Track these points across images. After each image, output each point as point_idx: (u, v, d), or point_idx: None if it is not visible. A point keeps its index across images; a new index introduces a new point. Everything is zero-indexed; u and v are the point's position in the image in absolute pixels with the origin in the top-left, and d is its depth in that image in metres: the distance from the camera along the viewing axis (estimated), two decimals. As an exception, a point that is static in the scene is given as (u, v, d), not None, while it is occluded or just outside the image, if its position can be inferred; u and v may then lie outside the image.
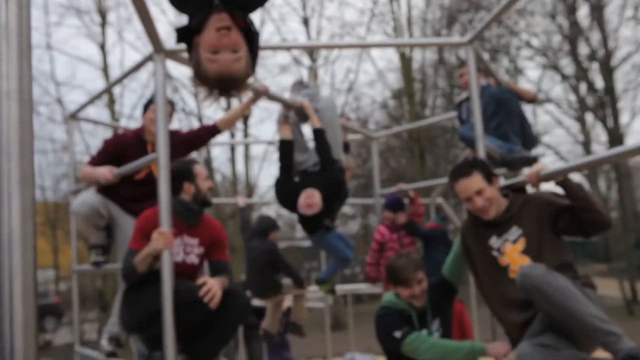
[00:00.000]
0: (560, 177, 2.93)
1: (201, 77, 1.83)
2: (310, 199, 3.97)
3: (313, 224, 4.14)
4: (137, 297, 3.25)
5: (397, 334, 3.37)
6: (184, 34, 1.87)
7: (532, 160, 4.55)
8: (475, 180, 3.05)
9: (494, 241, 3.09)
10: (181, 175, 3.39)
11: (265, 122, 24.10)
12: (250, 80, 1.94)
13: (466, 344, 3.34)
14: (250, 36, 1.89)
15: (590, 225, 2.87)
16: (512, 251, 3.02)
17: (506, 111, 4.55)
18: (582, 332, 2.57)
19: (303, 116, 4.33)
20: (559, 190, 3.00)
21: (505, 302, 3.06)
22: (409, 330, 3.38)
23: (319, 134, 4.16)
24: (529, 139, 4.73)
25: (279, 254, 5.50)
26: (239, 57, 1.81)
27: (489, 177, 3.08)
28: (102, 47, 17.17)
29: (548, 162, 18.18)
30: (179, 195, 3.38)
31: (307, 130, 4.58)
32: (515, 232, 3.04)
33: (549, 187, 3.08)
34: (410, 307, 3.49)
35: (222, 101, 2.68)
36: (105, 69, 17.05)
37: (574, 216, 2.90)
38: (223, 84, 1.83)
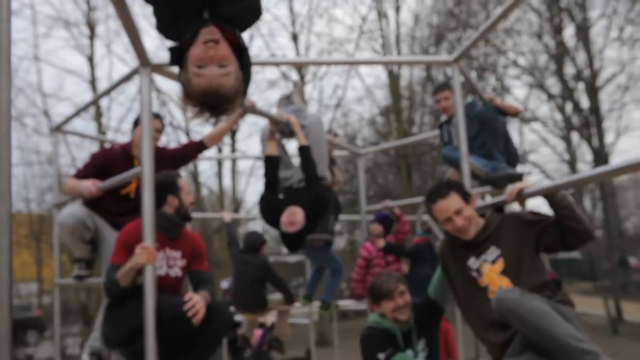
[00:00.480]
0: (544, 193, 2.95)
1: (189, 95, 1.76)
2: (293, 216, 3.94)
3: (295, 242, 4.12)
4: (119, 312, 3.22)
5: (381, 356, 3.37)
6: (177, 54, 1.81)
7: (516, 178, 4.57)
8: (453, 201, 3.06)
9: (472, 262, 3.09)
10: (165, 187, 3.39)
11: (252, 137, 24.05)
12: (241, 99, 1.83)
13: None
14: (241, 52, 1.83)
15: (573, 235, 2.88)
16: (490, 272, 3.01)
17: (490, 130, 4.59)
18: (560, 352, 2.57)
19: (289, 132, 4.32)
20: (542, 204, 3.02)
21: (485, 323, 3.05)
22: (392, 352, 3.37)
23: (304, 151, 4.15)
24: (513, 156, 4.76)
25: (271, 268, 5.58)
26: (227, 72, 1.74)
27: (466, 197, 3.10)
28: (90, 59, 17.12)
29: (534, 180, 18.34)
30: (162, 208, 3.37)
31: (292, 146, 4.58)
32: (493, 252, 3.04)
33: (534, 204, 3.10)
34: (395, 326, 3.48)
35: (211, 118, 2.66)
36: (93, 82, 16.99)
37: (557, 229, 2.91)
38: (210, 100, 1.74)
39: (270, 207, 4.14)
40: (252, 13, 1.93)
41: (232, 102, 1.78)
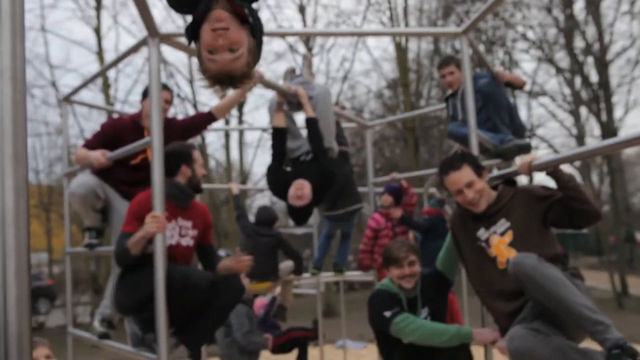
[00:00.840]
0: (552, 167, 2.95)
1: (204, 72, 1.81)
2: (300, 190, 3.96)
3: (302, 215, 4.14)
4: (131, 280, 3.27)
5: (387, 313, 3.44)
6: (192, 30, 1.82)
7: (525, 148, 4.56)
8: (465, 173, 3.07)
9: (481, 233, 3.11)
10: (180, 157, 3.39)
11: (260, 109, 23.98)
12: (255, 76, 1.91)
13: (453, 327, 3.38)
14: (251, 25, 1.84)
15: (580, 216, 2.88)
16: (499, 243, 3.03)
17: (494, 104, 4.55)
18: (572, 321, 2.60)
19: (296, 104, 4.32)
20: (550, 182, 3.02)
21: (493, 292, 3.09)
22: (398, 311, 3.44)
23: (312, 123, 4.15)
24: (519, 128, 4.73)
25: (286, 239, 5.80)
26: (237, 55, 1.75)
27: (478, 170, 3.10)
28: (97, 30, 17.04)
29: (541, 154, 18.23)
30: (175, 177, 3.37)
31: (300, 117, 4.57)
32: (503, 224, 3.05)
33: (541, 178, 3.10)
34: (401, 292, 3.57)
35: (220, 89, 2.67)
36: (99, 53, 16.93)
37: (564, 208, 2.91)
38: (223, 82, 1.81)
39: (278, 180, 4.16)
40: None
41: (243, 80, 1.84)
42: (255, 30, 1.85)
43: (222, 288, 3.27)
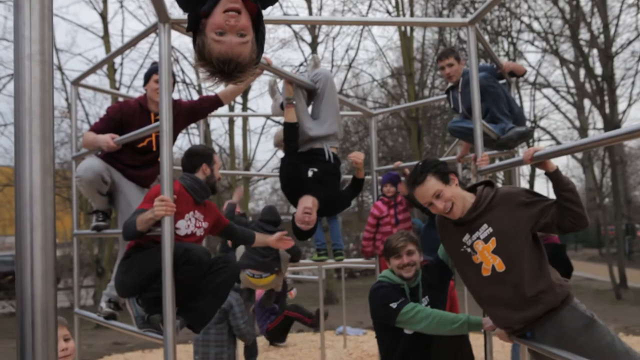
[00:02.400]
0: (553, 169, 2.89)
1: (205, 59, 1.77)
2: (308, 217, 3.97)
3: (305, 234, 4.17)
4: (132, 263, 3.36)
5: (393, 305, 3.45)
6: (194, 20, 1.82)
7: (526, 134, 4.56)
8: (430, 185, 2.99)
9: (466, 238, 3.05)
10: (202, 156, 3.63)
11: (264, 96, 23.91)
12: (253, 67, 1.85)
13: (462, 316, 3.41)
14: (258, 24, 1.85)
15: (570, 218, 2.82)
16: (483, 250, 2.98)
17: (491, 96, 4.55)
18: None
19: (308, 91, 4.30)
20: (548, 183, 2.99)
21: (480, 297, 3.13)
22: (404, 301, 3.46)
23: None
24: (519, 117, 4.74)
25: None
26: (245, 41, 1.76)
27: (444, 178, 3.01)
28: (103, 15, 17.00)
29: (544, 145, 18.18)
30: (195, 174, 3.58)
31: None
32: (485, 230, 2.98)
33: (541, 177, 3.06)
34: (403, 281, 3.60)
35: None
36: (105, 37, 16.91)
37: (558, 211, 2.85)
38: (227, 67, 1.76)
39: (291, 178, 4.14)
40: None
41: (245, 71, 1.81)
42: (259, 34, 1.86)
43: (220, 268, 3.40)
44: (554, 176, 2.89)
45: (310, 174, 4.07)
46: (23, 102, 0.99)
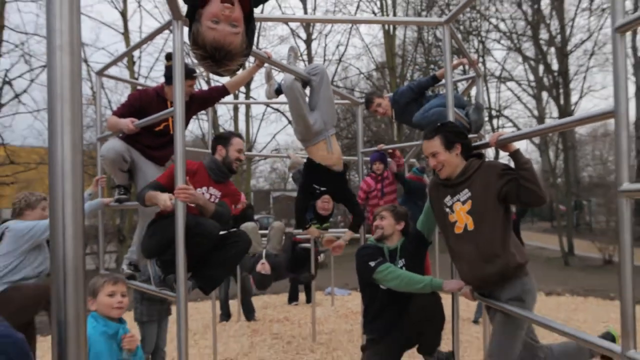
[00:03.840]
0: (514, 150, 2.91)
1: (198, 44, 1.71)
2: (327, 204, 4.59)
3: (323, 218, 4.72)
4: (155, 230, 3.34)
5: (372, 263, 3.58)
6: (192, 9, 1.76)
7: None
8: (433, 144, 3.08)
9: (448, 199, 3.11)
10: (219, 138, 3.63)
11: (265, 86, 23.78)
12: (241, 58, 1.77)
13: (427, 277, 3.46)
14: (249, 22, 1.81)
15: (528, 194, 2.83)
16: (460, 210, 3.03)
17: (410, 112, 4.52)
18: None
19: (305, 82, 4.27)
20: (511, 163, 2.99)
21: (451, 252, 3.18)
22: (381, 261, 3.57)
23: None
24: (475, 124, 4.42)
25: None
26: (237, 31, 1.71)
27: (448, 144, 3.06)
28: (124, 13, 16.78)
29: (507, 131, 18.21)
30: (214, 155, 3.57)
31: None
32: (465, 193, 3.02)
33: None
34: (384, 245, 3.74)
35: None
36: (125, 34, 16.71)
37: (517, 185, 2.87)
38: (218, 54, 1.71)
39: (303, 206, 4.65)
40: None
41: (233, 60, 1.75)
42: (250, 30, 1.82)
43: (232, 241, 3.35)
44: (515, 156, 2.92)
45: (323, 188, 4.53)
46: (55, 89, 0.98)
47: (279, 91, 4.73)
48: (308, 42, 18.70)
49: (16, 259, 3.93)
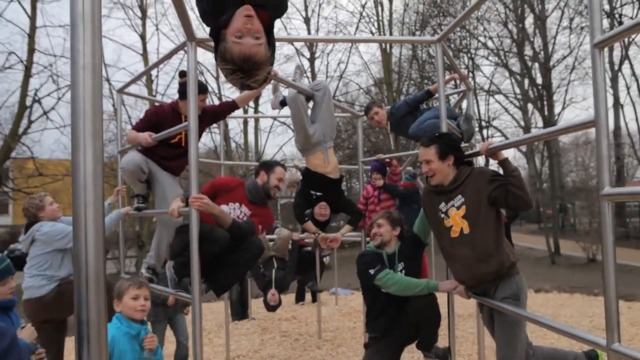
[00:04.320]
0: (503, 158, 2.89)
1: (226, 60, 1.72)
2: (324, 210, 4.52)
3: (321, 224, 4.65)
4: (179, 232, 3.40)
5: (372, 271, 3.54)
6: (216, 31, 1.78)
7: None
8: (429, 152, 3.04)
9: (442, 206, 3.07)
10: (263, 165, 3.68)
11: (272, 97, 23.91)
12: (268, 66, 1.78)
13: (423, 281, 3.44)
14: (270, 31, 1.83)
15: (515, 199, 2.81)
16: (455, 215, 2.99)
17: (406, 124, 4.49)
18: None
19: (306, 97, 4.27)
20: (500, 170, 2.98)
21: (448, 256, 3.14)
22: (380, 268, 3.53)
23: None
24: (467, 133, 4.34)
25: None
26: (260, 42, 1.72)
27: (443, 154, 3.02)
28: (142, 36, 16.88)
29: (496, 140, 18.18)
30: (256, 178, 3.62)
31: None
32: (459, 199, 2.99)
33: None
34: (383, 251, 3.67)
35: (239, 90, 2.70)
36: (144, 54, 16.80)
37: (505, 191, 2.84)
38: (246, 65, 1.71)
39: (300, 207, 4.54)
40: (281, 6, 1.93)
41: (261, 69, 1.75)
42: (271, 42, 1.82)
43: (245, 247, 3.30)
44: (504, 164, 2.90)
45: (319, 193, 4.45)
46: (78, 104, 0.98)
47: (283, 103, 4.74)
48: (312, 60, 18.78)
49: (53, 258, 3.99)
